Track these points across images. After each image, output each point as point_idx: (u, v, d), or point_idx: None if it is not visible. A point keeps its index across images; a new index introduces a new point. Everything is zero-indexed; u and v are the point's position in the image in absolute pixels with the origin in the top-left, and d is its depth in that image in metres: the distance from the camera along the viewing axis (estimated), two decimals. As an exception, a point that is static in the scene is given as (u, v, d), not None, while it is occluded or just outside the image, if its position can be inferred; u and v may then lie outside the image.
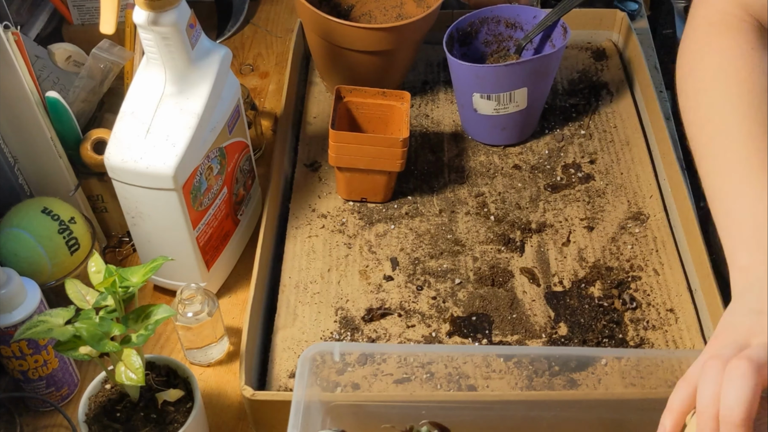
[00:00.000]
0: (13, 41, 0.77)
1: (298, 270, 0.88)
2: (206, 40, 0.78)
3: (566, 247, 0.90)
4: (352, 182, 0.93)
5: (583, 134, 1.03)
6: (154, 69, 0.76)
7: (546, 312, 0.84)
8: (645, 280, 0.87)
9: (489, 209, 0.94)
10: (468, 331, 0.83)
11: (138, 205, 0.79)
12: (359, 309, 0.85)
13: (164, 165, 0.75)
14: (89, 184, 0.89)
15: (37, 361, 0.75)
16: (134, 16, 0.72)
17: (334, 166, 0.91)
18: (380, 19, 1.08)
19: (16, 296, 0.71)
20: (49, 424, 0.79)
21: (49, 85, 0.90)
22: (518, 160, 1.00)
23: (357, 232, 0.92)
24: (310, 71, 1.13)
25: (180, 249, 0.82)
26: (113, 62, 0.88)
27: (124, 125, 0.77)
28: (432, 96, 1.09)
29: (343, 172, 0.92)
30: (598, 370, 0.76)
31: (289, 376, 0.79)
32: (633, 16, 1.22)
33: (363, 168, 0.90)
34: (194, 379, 0.72)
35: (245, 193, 0.91)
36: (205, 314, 0.79)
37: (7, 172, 0.82)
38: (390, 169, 0.90)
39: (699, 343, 0.81)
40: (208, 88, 0.77)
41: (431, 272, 0.88)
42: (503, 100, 0.95)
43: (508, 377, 0.75)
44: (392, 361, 0.75)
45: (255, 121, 1.01)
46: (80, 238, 0.79)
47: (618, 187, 0.96)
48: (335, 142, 0.88)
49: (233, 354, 0.85)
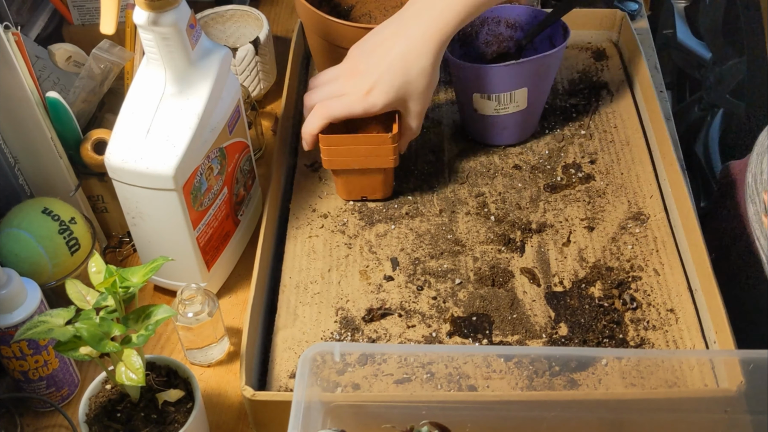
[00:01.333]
0: (13, 41, 0.77)
1: (299, 270, 0.88)
2: (206, 40, 0.78)
3: (566, 248, 0.90)
4: (349, 183, 0.93)
5: (583, 134, 1.03)
6: (154, 69, 0.76)
7: (546, 312, 0.84)
8: (645, 280, 0.87)
9: (489, 209, 0.94)
10: (468, 331, 0.83)
11: (138, 206, 0.79)
12: (359, 309, 0.85)
13: (164, 165, 0.75)
14: (89, 184, 0.89)
15: (37, 362, 0.75)
16: (134, 17, 0.72)
17: (328, 169, 0.91)
18: (380, 20, 1.08)
19: (17, 297, 0.71)
20: (49, 425, 0.79)
21: (50, 85, 0.90)
22: (518, 160, 1.00)
23: (357, 232, 0.92)
24: (311, 71, 1.13)
25: (180, 249, 0.82)
26: (113, 62, 0.88)
27: (124, 125, 0.77)
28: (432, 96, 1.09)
29: (339, 174, 0.92)
30: (599, 371, 0.76)
31: (290, 377, 0.79)
32: (633, 16, 1.22)
33: (357, 168, 0.90)
34: (194, 379, 0.72)
35: (245, 193, 0.91)
36: (206, 314, 0.79)
37: (7, 173, 0.82)
38: (384, 166, 0.90)
39: (699, 343, 0.81)
40: (209, 89, 0.77)
41: (431, 272, 0.88)
42: (503, 100, 0.95)
43: (508, 377, 0.75)
44: (392, 362, 0.75)
45: (255, 121, 1.01)
46: (80, 238, 0.79)
47: (618, 187, 0.96)
48: (326, 146, 0.88)
49: (234, 354, 0.85)
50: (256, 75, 1.07)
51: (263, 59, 1.06)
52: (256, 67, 1.06)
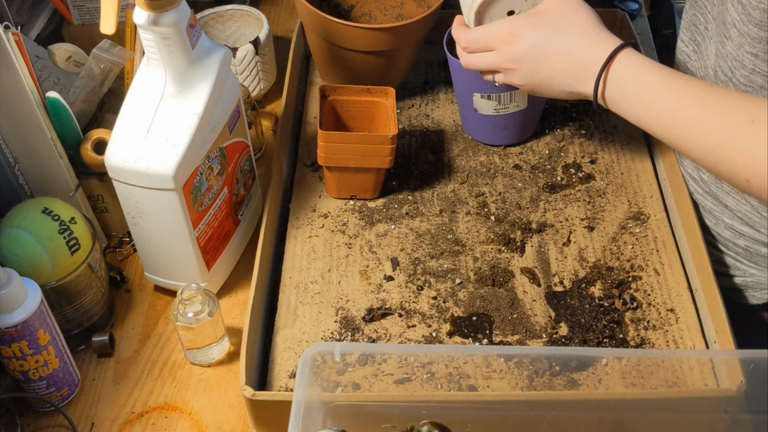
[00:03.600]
0: (13, 41, 0.77)
1: (299, 270, 0.88)
2: (206, 40, 0.78)
3: (567, 247, 0.90)
4: (342, 181, 0.93)
5: (583, 134, 1.03)
6: (154, 69, 0.76)
7: (546, 312, 0.84)
8: (645, 280, 0.87)
9: (489, 209, 0.94)
10: (468, 331, 0.83)
11: (138, 206, 0.79)
12: (360, 309, 0.85)
13: (164, 165, 0.75)
14: (89, 184, 0.89)
15: (37, 362, 0.75)
16: (134, 17, 0.72)
17: (323, 165, 0.92)
18: (380, 20, 1.08)
19: (17, 296, 0.71)
20: (49, 425, 0.79)
21: (50, 85, 0.90)
22: (519, 160, 1.00)
23: (357, 232, 0.92)
24: (311, 71, 1.13)
25: (180, 249, 0.82)
26: (113, 62, 0.88)
27: (124, 125, 0.77)
28: (432, 96, 1.09)
29: (332, 171, 0.92)
30: (599, 370, 0.76)
31: (290, 376, 0.79)
32: (633, 16, 1.22)
33: (352, 166, 0.90)
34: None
35: (245, 193, 0.91)
36: (206, 314, 0.79)
37: (7, 173, 0.82)
38: (379, 166, 0.91)
39: (699, 343, 0.81)
40: (209, 88, 0.77)
41: (432, 272, 0.88)
42: (503, 100, 0.95)
43: (508, 377, 0.75)
44: (393, 361, 0.75)
45: (255, 121, 1.01)
46: (81, 238, 0.79)
47: (618, 187, 0.96)
48: (324, 143, 0.89)
49: (234, 354, 0.85)
50: (256, 75, 1.07)
51: (263, 59, 1.06)
52: (256, 67, 1.06)
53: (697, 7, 0.88)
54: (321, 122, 0.91)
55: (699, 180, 0.91)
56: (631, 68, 0.74)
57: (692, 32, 0.90)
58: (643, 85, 0.73)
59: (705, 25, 0.87)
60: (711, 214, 0.91)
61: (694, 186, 0.92)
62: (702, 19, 0.87)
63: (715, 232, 0.91)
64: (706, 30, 0.87)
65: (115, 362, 0.84)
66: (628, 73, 0.74)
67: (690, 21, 0.90)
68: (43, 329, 0.74)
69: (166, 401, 0.81)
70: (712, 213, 0.91)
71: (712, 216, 0.91)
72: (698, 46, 0.89)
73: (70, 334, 0.82)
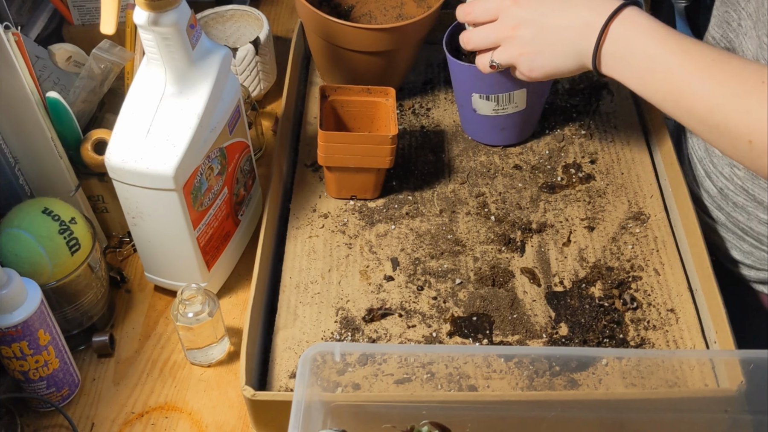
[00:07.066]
0: (13, 42, 0.77)
1: (299, 270, 0.88)
2: (206, 40, 0.78)
3: (567, 247, 0.90)
4: (342, 181, 0.93)
5: (583, 134, 1.03)
6: (154, 69, 0.76)
7: (546, 312, 0.84)
8: (645, 280, 0.87)
9: (489, 209, 0.94)
10: (468, 331, 0.83)
11: (138, 206, 0.79)
12: (360, 309, 0.85)
13: (165, 165, 0.75)
14: (90, 184, 0.89)
15: (37, 362, 0.75)
16: (135, 17, 0.72)
17: (323, 165, 0.92)
18: (380, 20, 1.08)
19: (17, 297, 0.71)
20: (49, 425, 0.79)
21: (50, 85, 0.90)
22: (519, 160, 1.00)
23: (357, 232, 0.92)
24: (311, 71, 1.13)
25: (180, 249, 0.82)
26: (114, 62, 0.88)
27: (124, 125, 0.77)
28: (432, 96, 1.09)
29: (332, 171, 0.92)
30: (599, 371, 0.76)
31: (290, 377, 0.79)
32: (633, 16, 1.22)
33: (352, 167, 0.90)
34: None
35: (246, 193, 0.91)
36: (206, 314, 0.79)
37: (7, 173, 0.82)
38: (379, 166, 0.91)
39: (700, 343, 0.82)
40: (209, 89, 0.77)
41: (432, 272, 0.88)
42: (502, 101, 0.95)
43: (508, 377, 0.75)
44: (393, 362, 0.75)
45: (255, 121, 1.01)
46: (81, 238, 0.79)
47: (618, 187, 0.96)
48: (325, 143, 0.89)
49: (234, 354, 0.85)
50: (256, 75, 1.07)
51: (263, 59, 1.06)
52: (256, 67, 1.06)
53: (729, 4, 0.87)
54: (321, 122, 0.91)
55: (731, 177, 0.91)
56: (636, 24, 0.73)
57: (724, 29, 0.89)
58: (649, 39, 0.72)
59: (738, 22, 0.86)
60: (744, 209, 0.91)
61: (725, 182, 0.92)
62: (735, 15, 0.86)
63: (747, 227, 0.91)
64: (739, 26, 0.86)
65: (115, 362, 0.84)
66: (632, 29, 0.73)
67: (722, 18, 0.89)
68: (43, 329, 0.74)
69: (166, 401, 0.81)
70: (744, 209, 0.90)
71: (745, 212, 0.90)
72: (731, 42, 0.88)
73: (70, 334, 0.82)
